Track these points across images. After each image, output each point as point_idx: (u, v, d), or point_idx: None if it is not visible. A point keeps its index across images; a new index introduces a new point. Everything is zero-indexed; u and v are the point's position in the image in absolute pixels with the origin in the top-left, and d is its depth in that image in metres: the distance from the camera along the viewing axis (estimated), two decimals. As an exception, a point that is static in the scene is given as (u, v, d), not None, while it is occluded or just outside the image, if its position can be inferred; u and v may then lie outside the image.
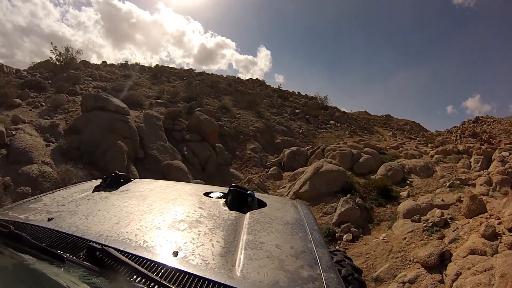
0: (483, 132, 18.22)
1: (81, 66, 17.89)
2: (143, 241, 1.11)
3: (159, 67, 22.71)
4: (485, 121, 19.95)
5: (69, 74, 13.73)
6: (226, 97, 18.51)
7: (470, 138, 17.43)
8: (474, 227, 6.20)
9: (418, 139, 22.20)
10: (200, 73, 25.46)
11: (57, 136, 8.82)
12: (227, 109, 15.83)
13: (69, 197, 1.66)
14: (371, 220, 7.84)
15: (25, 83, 11.94)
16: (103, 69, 19.00)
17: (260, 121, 15.92)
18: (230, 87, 22.48)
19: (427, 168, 11.09)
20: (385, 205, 8.44)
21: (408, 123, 36.66)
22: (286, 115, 19.53)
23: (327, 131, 19.26)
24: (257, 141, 13.55)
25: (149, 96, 14.96)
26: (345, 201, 7.71)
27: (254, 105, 17.79)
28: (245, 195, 1.59)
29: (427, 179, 10.45)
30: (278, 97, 23.12)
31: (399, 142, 17.92)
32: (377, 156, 11.73)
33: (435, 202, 7.80)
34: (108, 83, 15.98)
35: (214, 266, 0.98)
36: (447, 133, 21.53)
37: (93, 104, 9.54)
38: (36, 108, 10.31)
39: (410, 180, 10.31)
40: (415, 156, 13.63)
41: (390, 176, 10.10)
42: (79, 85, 13.45)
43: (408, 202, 8.01)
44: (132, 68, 21.13)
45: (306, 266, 1.04)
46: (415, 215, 7.24)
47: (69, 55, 16.71)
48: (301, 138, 16.50)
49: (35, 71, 14.64)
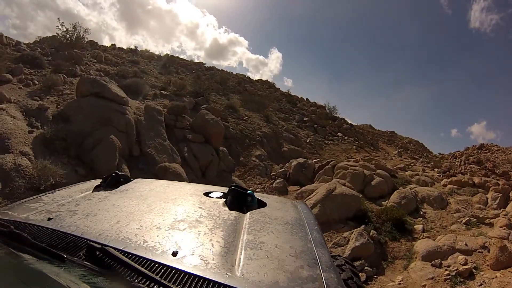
0: (486, 160, 17.33)
1: (88, 46, 16.72)
2: (143, 241, 1.09)
3: (168, 57, 21.54)
4: (490, 149, 19.08)
5: (71, 53, 12.58)
6: (234, 96, 17.41)
7: (474, 165, 16.52)
8: (504, 284, 5.45)
9: (422, 160, 21.75)
10: (210, 68, 24.26)
11: (44, 122, 7.67)
12: (234, 109, 14.69)
13: (69, 197, 1.60)
14: (385, 257, 7.09)
15: (21, 58, 10.77)
16: (110, 52, 17.79)
17: (268, 125, 14.80)
18: (239, 85, 21.36)
19: (441, 199, 10.33)
20: (399, 239, 7.73)
21: (411, 141, 36.48)
22: (294, 121, 18.46)
23: (334, 143, 18.27)
24: (263, 148, 12.45)
25: (154, 86, 13.83)
26: (359, 234, 6.75)
27: (262, 108, 16.67)
28: (245, 195, 1.53)
29: (441, 212, 9.83)
30: (287, 102, 22.04)
31: (406, 162, 17.33)
32: (389, 179, 10.77)
33: (457, 246, 7.07)
34: (113, 67, 14.84)
35: (214, 266, 0.96)
36: (451, 157, 20.77)
37: (89, 89, 8.40)
38: (27, 86, 9.16)
39: (423, 211, 9.64)
40: (427, 183, 12.70)
41: (404, 204, 9.26)
42: (81, 65, 12.31)
43: (427, 243, 7.21)
44: (141, 55, 19.98)
45: (306, 266, 1.01)
46: (436, 259, 6.45)
47: (76, 33, 15.60)
48: (308, 149, 15.42)
49: (36, 46, 13.49)
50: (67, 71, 10.93)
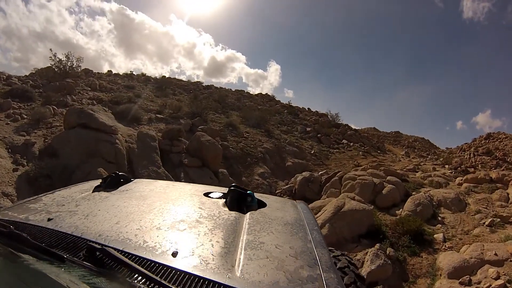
0: (495, 149, 16.47)
1: (82, 74, 16.42)
2: (143, 241, 1.05)
3: (165, 79, 21.09)
4: (497, 138, 18.14)
5: (63, 83, 12.16)
6: (233, 113, 16.84)
7: (484, 156, 15.92)
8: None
9: (430, 157, 21.01)
10: (208, 86, 23.84)
11: (30, 158, 7.13)
12: (234, 126, 14.08)
13: (69, 197, 1.56)
14: (406, 277, 6.30)
15: (10, 92, 10.38)
16: (106, 79, 17.43)
17: (270, 140, 14.14)
18: (238, 101, 20.86)
19: (458, 200, 9.55)
20: (419, 253, 6.94)
21: (417, 139, 35.93)
22: (296, 133, 17.80)
23: (339, 151, 17.56)
24: (266, 164, 11.76)
25: (150, 110, 13.33)
26: (375, 255, 5.96)
27: (263, 123, 16.05)
28: (245, 195, 1.50)
29: (460, 215, 9.05)
30: (288, 114, 21.45)
31: (415, 163, 16.56)
32: (400, 185, 9.97)
33: (486, 257, 6.22)
34: (108, 93, 14.40)
35: (214, 266, 0.94)
36: (459, 151, 19.95)
37: (75, 120, 7.88)
38: (15, 121, 8.67)
39: (441, 217, 8.86)
40: (441, 184, 11.87)
41: (419, 212, 8.50)
42: (73, 95, 11.88)
43: (451, 256, 6.36)
44: (137, 79, 19.63)
45: (306, 266, 0.99)
46: (464, 276, 5.66)
47: (70, 62, 15.29)
48: (313, 160, 14.69)
49: (28, 79, 13.15)
50: (58, 102, 10.48)
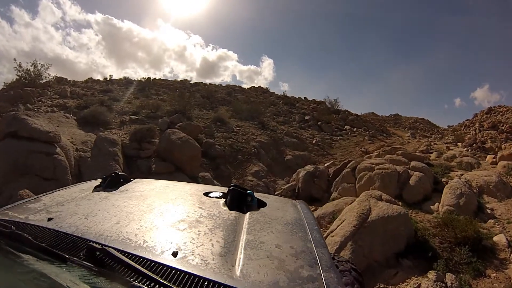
0: (499, 122, 15.37)
1: (54, 83, 14.30)
2: (143, 241, 0.99)
3: (148, 80, 18.90)
4: (499, 111, 17.18)
5: (18, 92, 10.04)
6: (222, 108, 14.63)
7: (490, 131, 14.79)
8: None
9: (433, 137, 19.16)
10: (196, 84, 21.63)
11: None
12: (222, 121, 11.87)
13: (69, 197, 1.47)
14: None
15: None
16: (80, 85, 15.34)
17: (265, 133, 11.89)
18: (229, 96, 18.64)
19: (503, 184, 7.43)
20: (484, 270, 4.59)
21: (418, 120, 34.68)
22: (294, 123, 15.58)
23: (343, 138, 15.34)
24: (261, 161, 9.54)
25: (125, 112, 11.16)
26: (431, 287, 3.76)
27: (257, 115, 13.83)
28: (245, 194, 1.40)
29: (511, 202, 6.67)
30: (284, 104, 19.24)
31: (425, 143, 14.29)
32: (429, 172, 7.80)
33: None
34: (79, 100, 12.27)
35: (214, 266, 0.88)
36: (463, 127, 18.64)
37: (3, 129, 5.74)
38: None
39: (489, 208, 6.72)
40: (472, 165, 9.62)
41: (463, 205, 6.46)
42: (29, 104, 9.71)
43: None
44: (117, 83, 17.44)
45: (306, 266, 0.94)
46: None
47: (36, 71, 13.29)
48: (316, 151, 12.44)
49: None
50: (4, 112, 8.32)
